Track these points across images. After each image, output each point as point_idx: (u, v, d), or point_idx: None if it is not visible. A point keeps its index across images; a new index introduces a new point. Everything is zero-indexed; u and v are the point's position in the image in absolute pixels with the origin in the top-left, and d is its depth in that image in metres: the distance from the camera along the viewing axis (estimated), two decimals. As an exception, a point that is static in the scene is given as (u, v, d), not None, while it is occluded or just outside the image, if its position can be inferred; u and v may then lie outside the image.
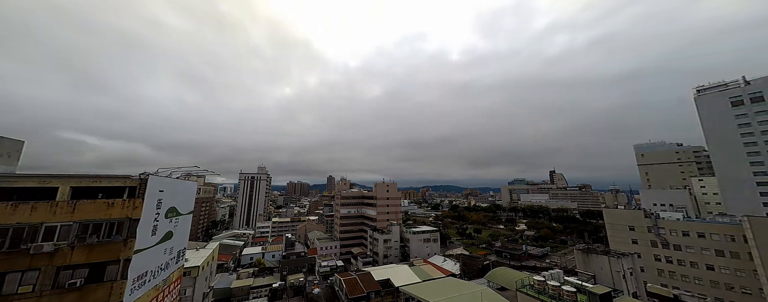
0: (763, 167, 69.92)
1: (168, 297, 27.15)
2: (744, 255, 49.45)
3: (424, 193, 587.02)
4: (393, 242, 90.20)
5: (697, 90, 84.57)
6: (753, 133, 71.94)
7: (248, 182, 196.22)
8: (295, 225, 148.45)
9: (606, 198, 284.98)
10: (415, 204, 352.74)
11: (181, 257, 30.05)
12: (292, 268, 78.32)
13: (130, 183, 22.33)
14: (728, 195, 76.16)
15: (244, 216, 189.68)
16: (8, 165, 23.78)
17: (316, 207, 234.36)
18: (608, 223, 69.10)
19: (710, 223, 56.51)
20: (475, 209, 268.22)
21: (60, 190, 20.56)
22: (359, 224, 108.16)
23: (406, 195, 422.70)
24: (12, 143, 24.48)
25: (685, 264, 56.29)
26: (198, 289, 42.66)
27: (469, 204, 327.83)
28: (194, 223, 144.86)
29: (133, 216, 21.45)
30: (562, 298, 32.10)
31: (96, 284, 19.76)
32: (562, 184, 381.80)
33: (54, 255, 19.01)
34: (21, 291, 17.91)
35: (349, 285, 56.39)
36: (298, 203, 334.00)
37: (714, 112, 78.97)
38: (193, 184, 32.23)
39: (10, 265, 17.99)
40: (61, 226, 19.66)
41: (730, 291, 50.83)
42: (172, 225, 26.89)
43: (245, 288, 64.29)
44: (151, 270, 23.53)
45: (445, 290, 45.91)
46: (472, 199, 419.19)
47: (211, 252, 52.96)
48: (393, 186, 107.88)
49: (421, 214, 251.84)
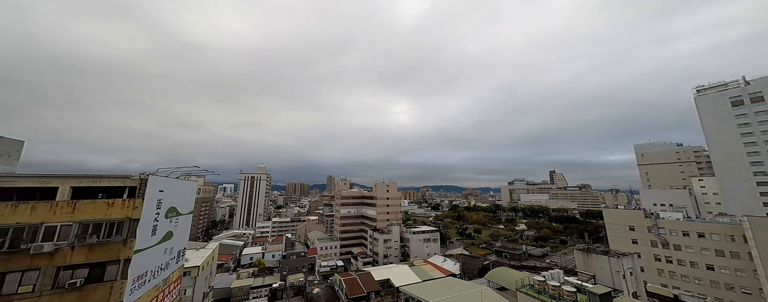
0: (763, 167, 69.93)
1: (168, 297, 27.14)
2: (744, 255, 49.45)
3: (424, 193, 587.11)
4: (393, 242, 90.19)
5: (697, 90, 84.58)
6: (753, 133, 71.95)
7: (248, 182, 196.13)
8: (295, 225, 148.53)
9: (606, 198, 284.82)
10: (415, 204, 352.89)
11: (181, 257, 30.05)
12: (292, 268, 78.36)
13: (130, 183, 22.32)
14: (728, 195, 76.17)
15: (244, 216, 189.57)
16: (8, 165, 23.78)
17: (316, 207, 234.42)
18: (608, 223, 69.10)
19: (710, 223, 56.50)
20: (475, 209, 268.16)
21: (60, 190, 20.54)
22: (359, 224, 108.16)
23: (406, 195, 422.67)
24: (12, 143, 24.46)
25: (685, 264, 56.29)
26: (198, 289, 42.66)
27: (469, 204, 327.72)
28: (194, 223, 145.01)
29: (133, 216, 21.44)
30: (562, 298, 32.09)
31: (96, 284, 19.75)
32: (562, 184, 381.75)
33: (54, 255, 19.00)
34: (21, 291, 17.91)
35: (349, 285, 56.39)
36: (298, 203, 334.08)
37: (714, 112, 79.00)
38: (193, 184, 32.23)
39: (10, 265, 17.99)
40: (61, 226, 19.66)
41: (730, 291, 50.82)
42: (172, 225, 26.88)
43: (245, 288, 64.27)
44: (151, 270, 23.52)
45: (445, 290, 45.88)
46: (472, 199, 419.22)
47: (211, 252, 52.96)
48: (393, 186, 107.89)
49: (421, 214, 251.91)
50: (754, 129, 71.84)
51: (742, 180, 72.64)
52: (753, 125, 72.06)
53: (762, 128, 70.67)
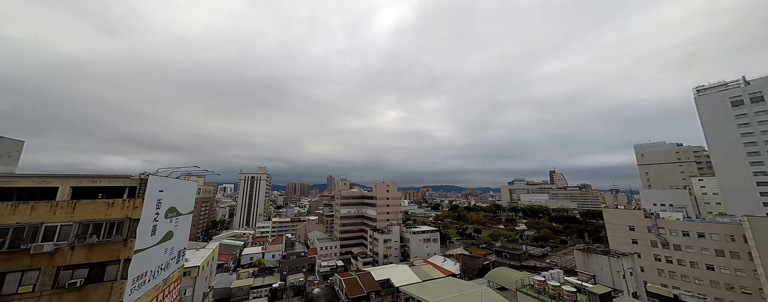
0: (763, 167, 69.90)
1: (168, 297, 27.14)
2: (744, 255, 49.45)
3: (424, 193, 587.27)
4: (393, 242, 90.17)
5: (697, 90, 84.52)
6: (753, 133, 71.92)
7: (248, 182, 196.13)
8: (295, 225, 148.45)
9: (606, 198, 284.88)
10: (415, 204, 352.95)
11: (181, 257, 30.05)
12: (292, 268, 78.33)
13: (130, 183, 22.31)
14: (728, 195, 76.13)
15: (244, 216, 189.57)
16: (8, 165, 23.77)
17: (316, 207, 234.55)
18: (608, 223, 69.10)
19: (710, 223, 56.50)
20: (475, 209, 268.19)
21: (60, 190, 20.55)
22: (359, 224, 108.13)
23: (406, 195, 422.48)
24: (12, 143, 24.46)
25: (685, 264, 56.28)
26: (198, 289, 42.65)
27: (469, 204, 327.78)
28: (194, 223, 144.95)
29: (133, 216, 21.44)
30: (562, 298, 32.10)
31: (96, 284, 19.75)
32: (562, 184, 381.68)
33: (54, 255, 19.00)
34: (21, 291, 17.91)
35: (349, 285, 56.39)
36: (298, 203, 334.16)
37: (714, 112, 78.98)
38: (193, 184, 32.23)
39: (10, 265, 17.99)
40: (61, 226, 19.66)
41: (730, 291, 50.82)
42: (172, 225, 26.88)
43: (245, 288, 64.26)
44: (151, 270, 23.52)
45: (445, 290, 45.89)
46: (472, 199, 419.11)
47: (211, 252, 52.95)
48: (393, 186, 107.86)
49: (421, 214, 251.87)
50: (754, 129, 71.80)
51: (742, 180, 72.59)
52: (753, 125, 72.02)
53: (762, 128, 70.64)
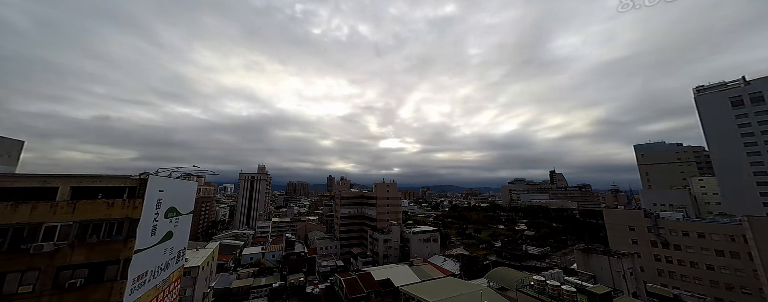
0: (763, 167, 69.86)
1: (168, 297, 27.14)
2: (744, 255, 49.46)
3: (424, 193, 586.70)
4: (393, 242, 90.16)
5: (697, 90, 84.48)
6: (753, 133, 71.84)
7: (248, 182, 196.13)
8: (295, 225, 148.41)
9: (606, 198, 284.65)
10: (415, 204, 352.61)
11: (181, 257, 30.04)
12: (292, 268, 78.20)
13: (130, 183, 22.32)
14: (728, 195, 76.13)
15: (244, 216, 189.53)
16: (8, 165, 23.79)
17: (316, 207, 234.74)
18: (608, 223, 69.08)
19: (710, 223, 56.53)
20: (475, 209, 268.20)
21: (60, 190, 20.56)
22: (359, 224, 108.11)
23: (406, 195, 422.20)
24: (12, 143, 24.50)
25: (685, 264, 56.29)
26: (198, 289, 42.65)
27: (469, 204, 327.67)
28: (194, 223, 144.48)
29: (133, 216, 21.44)
30: (562, 298, 32.08)
31: (96, 284, 19.75)
32: (562, 184, 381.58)
33: (54, 255, 19.01)
34: (21, 291, 17.91)
35: (349, 285, 56.40)
36: (298, 203, 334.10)
37: (714, 112, 78.95)
38: (193, 184, 32.23)
39: (10, 265, 17.99)
40: (61, 226, 19.66)
41: (730, 291, 50.84)
42: (172, 225, 26.88)
43: (245, 288, 64.31)
44: (151, 270, 23.52)
45: (445, 290, 45.88)
46: (472, 199, 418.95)
47: (211, 252, 52.94)
48: (393, 186, 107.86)
49: (421, 214, 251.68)
50: (754, 129, 71.73)
51: (742, 181, 72.62)
52: (753, 125, 71.93)
53: (762, 128, 70.55)
